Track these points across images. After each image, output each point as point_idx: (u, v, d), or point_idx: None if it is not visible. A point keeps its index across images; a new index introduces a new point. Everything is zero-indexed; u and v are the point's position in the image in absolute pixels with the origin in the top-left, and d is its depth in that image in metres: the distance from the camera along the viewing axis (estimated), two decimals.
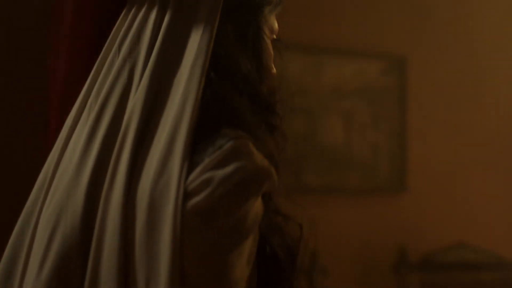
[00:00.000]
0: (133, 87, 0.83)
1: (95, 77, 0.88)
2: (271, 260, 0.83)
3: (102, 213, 0.78)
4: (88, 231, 0.78)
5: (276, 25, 0.94)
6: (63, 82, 1.27)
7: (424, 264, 3.67)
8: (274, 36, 0.95)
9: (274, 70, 0.94)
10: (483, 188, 4.00)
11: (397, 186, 3.79)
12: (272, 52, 0.94)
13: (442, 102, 4.00)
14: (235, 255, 0.75)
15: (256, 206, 0.78)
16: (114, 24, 0.89)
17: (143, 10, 0.85)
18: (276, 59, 0.95)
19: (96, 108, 0.84)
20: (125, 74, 0.83)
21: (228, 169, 0.75)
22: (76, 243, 0.78)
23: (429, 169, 3.85)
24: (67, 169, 0.83)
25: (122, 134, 0.80)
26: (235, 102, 0.83)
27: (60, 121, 0.93)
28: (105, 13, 0.94)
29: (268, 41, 0.93)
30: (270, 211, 0.83)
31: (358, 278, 3.62)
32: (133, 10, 0.87)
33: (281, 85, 0.93)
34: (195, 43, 0.82)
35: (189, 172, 0.76)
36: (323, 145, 3.63)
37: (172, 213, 0.73)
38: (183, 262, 0.73)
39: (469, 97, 4.09)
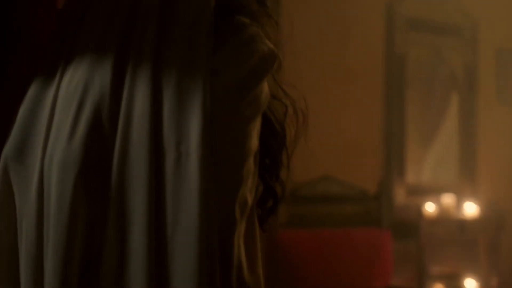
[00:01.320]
0: None
1: None
2: (271, 135, 0.92)
3: (131, 82, 0.80)
4: (117, 98, 0.80)
5: None
6: None
7: (291, 197, 3.73)
8: None
9: None
10: (349, 125, 4.10)
11: None
12: None
13: (313, 41, 4.03)
14: (252, 126, 0.82)
15: (266, 84, 0.87)
16: None
17: None
18: None
19: None
20: None
21: (249, 50, 0.84)
22: (107, 108, 0.80)
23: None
24: (88, 48, 0.84)
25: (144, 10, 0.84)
26: None
27: None
28: None
29: None
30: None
31: None
32: None
33: None
34: None
35: (212, 51, 0.82)
36: None
37: (202, 86, 0.79)
38: (212, 129, 0.78)
39: (338, 38, 4.16)
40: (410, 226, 4.30)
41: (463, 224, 4.59)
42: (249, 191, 0.83)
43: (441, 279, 4.58)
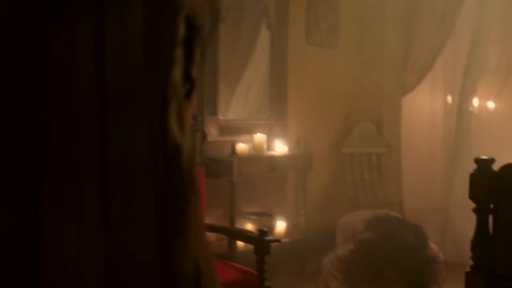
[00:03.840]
0: None
1: None
2: (188, 27, 0.91)
3: None
4: None
5: None
6: None
7: None
8: None
9: None
10: None
11: None
12: None
13: None
14: (182, 15, 0.86)
15: None
16: None
17: None
18: None
19: None
20: None
21: None
22: None
23: None
24: None
25: None
26: None
27: None
28: None
29: None
30: None
31: None
32: None
33: None
34: None
35: None
36: None
37: None
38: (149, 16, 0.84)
39: None
40: (223, 164, 4.21)
41: (274, 163, 4.60)
42: (179, 72, 0.87)
43: (253, 218, 4.58)
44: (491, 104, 5.63)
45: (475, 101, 5.61)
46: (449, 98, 5.65)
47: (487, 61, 5.56)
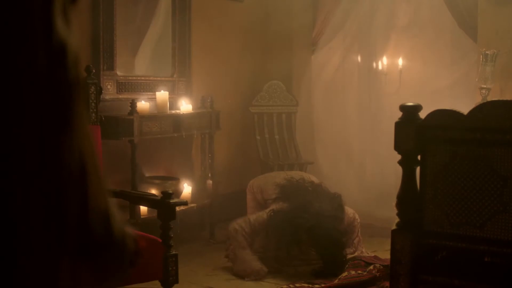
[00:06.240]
0: None
1: None
2: None
3: None
4: None
5: None
6: None
7: None
8: None
9: None
10: None
11: None
12: None
13: None
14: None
15: None
16: None
17: None
18: None
19: None
20: None
21: None
22: None
23: None
24: None
25: None
26: None
27: None
28: None
29: None
30: None
31: None
32: None
33: None
34: None
35: None
36: None
37: None
38: None
39: None
40: (122, 123, 3.82)
41: (178, 123, 4.24)
42: None
43: (156, 182, 4.21)
44: (400, 62, 5.51)
45: (385, 60, 5.48)
46: (359, 57, 5.48)
47: (397, 19, 5.42)
